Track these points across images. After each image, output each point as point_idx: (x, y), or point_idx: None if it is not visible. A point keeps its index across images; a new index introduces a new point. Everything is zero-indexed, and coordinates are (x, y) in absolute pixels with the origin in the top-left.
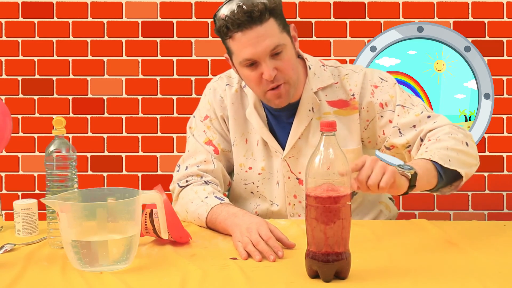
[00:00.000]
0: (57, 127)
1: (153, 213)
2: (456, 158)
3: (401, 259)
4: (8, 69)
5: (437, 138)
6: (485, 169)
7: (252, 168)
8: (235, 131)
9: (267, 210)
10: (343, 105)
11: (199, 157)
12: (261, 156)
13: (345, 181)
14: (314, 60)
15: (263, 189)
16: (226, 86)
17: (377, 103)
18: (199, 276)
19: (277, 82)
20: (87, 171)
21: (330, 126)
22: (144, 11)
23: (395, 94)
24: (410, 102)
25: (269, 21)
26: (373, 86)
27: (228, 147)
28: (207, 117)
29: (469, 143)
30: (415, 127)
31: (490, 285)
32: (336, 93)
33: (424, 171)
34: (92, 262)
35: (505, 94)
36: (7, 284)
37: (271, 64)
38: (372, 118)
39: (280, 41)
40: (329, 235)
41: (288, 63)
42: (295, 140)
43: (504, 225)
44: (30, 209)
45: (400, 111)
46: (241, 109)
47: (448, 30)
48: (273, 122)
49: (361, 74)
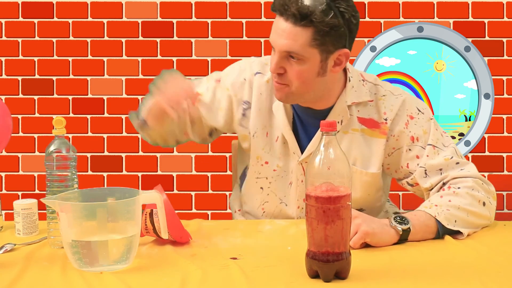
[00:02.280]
0: (57, 127)
1: (153, 213)
2: (464, 220)
3: (401, 259)
4: (8, 69)
5: (455, 191)
6: (485, 169)
7: (268, 163)
8: (257, 122)
9: (275, 208)
10: (373, 125)
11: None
12: (278, 154)
13: (345, 181)
14: (355, 73)
15: (275, 186)
16: (257, 74)
17: (409, 135)
18: (199, 276)
19: (279, 80)
20: (87, 171)
21: (331, 126)
22: (144, 11)
23: (429, 130)
24: (442, 142)
25: (305, 29)
26: (409, 117)
27: (207, 116)
28: (219, 81)
29: (487, 202)
30: (441, 171)
31: (490, 285)
32: (369, 111)
33: (422, 227)
34: (92, 262)
35: (505, 94)
36: (7, 284)
37: (281, 61)
38: (399, 148)
39: (298, 51)
40: (329, 235)
41: (299, 73)
42: (315, 146)
43: (504, 225)
44: (30, 209)
45: (430, 152)
46: (269, 101)
47: (448, 30)
48: (299, 123)
49: (399, 99)
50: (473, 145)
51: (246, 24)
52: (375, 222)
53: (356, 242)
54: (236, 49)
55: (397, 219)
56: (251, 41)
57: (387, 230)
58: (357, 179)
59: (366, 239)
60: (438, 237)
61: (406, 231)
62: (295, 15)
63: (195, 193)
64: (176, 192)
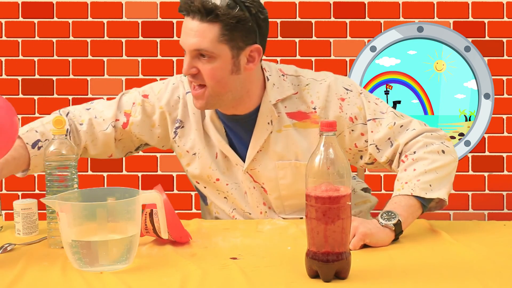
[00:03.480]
0: (57, 127)
1: (153, 213)
2: (436, 179)
3: (401, 259)
4: (8, 69)
5: (413, 158)
6: (485, 169)
7: (219, 179)
8: (198, 141)
9: (243, 217)
10: (302, 117)
11: (106, 112)
12: (222, 169)
13: (345, 181)
14: (274, 70)
15: (234, 198)
16: (188, 93)
17: (346, 117)
18: (199, 276)
19: (195, 80)
20: (87, 171)
21: (330, 126)
22: (144, 11)
23: (362, 105)
24: (379, 111)
25: (212, 24)
26: (340, 100)
27: (144, 134)
28: (147, 96)
29: (444, 149)
30: (390, 140)
31: (490, 285)
32: (296, 104)
33: (407, 209)
34: (92, 262)
35: (505, 94)
36: (7, 284)
37: (193, 61)
38: (340, 132)
39: (207, 47)
40: (329, 235)
41: (212, 72)
42: (254, 153)
43: (504, 225)
44: (30, 209)
45: (372, 126)
46: (200, 120)
47: (448, 30)
48: (231, 134)
49: (324, 85)
50: (473, 145)
51: None
52: (370, 223)
53: (356, 244)
54: None
55: (384, 216)
56: None
57: (382, 229)
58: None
59: (366, 240)
60: (425, 209)
61: (397, 224)
62: (200, 11)
63: (195, 193)
64: (176, 192)
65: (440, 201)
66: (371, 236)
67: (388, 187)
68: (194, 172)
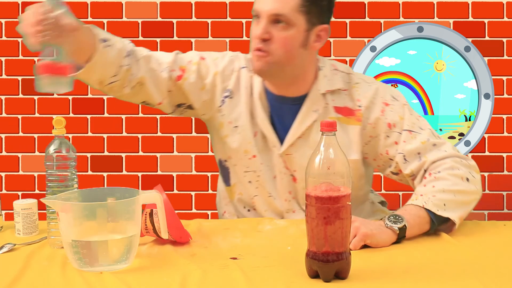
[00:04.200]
0: (57, 127)
1: (153, 213)
2: (452, 200)
3: (401, 259)
4: (8, 69)
5: (436, 176)
6: (485, 169)
7: (256, 156)
8: (243, 116)
9: (265, 202)
10: (348, 113)
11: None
12: (258, 148)
13: (345, 181)
14: (327, 63)
15: (263, 180)
16: (243, 68)
17: (385, 122)
18: (199, 276)
19: (263, 46)
20: (87, 171)
21: (331, 126)
22: (144, 11)
23: (403, 115)
24: (418, 126)
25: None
26: (384, 104)
27: (191, 95)
28: (204, 59)
29: (470, 178)
30: (419, 155)
31: (490, 285)
32: (344, 100)
33: (416, 220)
34: (92, 262)
35: (505, 94)
36: (7, 284)
37: (268, 27)
38: (376, 135)
39: (286, 14)
40: (329, 235)
41: (284, 40)
42: (294, 138)
43: (504, 225)
44: (30, 209)
45: (406, 137)
46: (250, 96)
47: (448, 30)
48: (275, 116)
49: (372, 87)
50: (473, 145)
51: (246, 24)
52: (372, 224)
53: (356, 245)
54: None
55: (391, 219)
56: None
57: (384, 231)
58: None
59: (366, 241)
60: (434, 226)
61: (402, 229)
62: None
63: (195, 193)
64: (176, 192)
65: (450, 225)
66: (372, 237)
67: None
68: (232, 144)
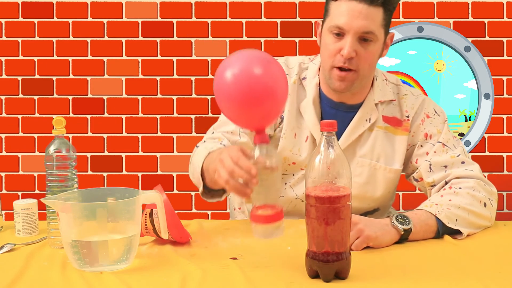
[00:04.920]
0: (57, 127)
1: (153, 213)
2: (465, 219)
3: (401, 259)
4: (8, 69)
5: (456, 191)
6: (485, 169)
7: (295, 163)
8: (286, 123)
9: (290, 204)
10: (396, 123)
11: (227, 128)
12: (307, 152)
13: (345, 181)
14: (380, 73)
15: (298, 182)
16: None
17: (423, 131)
18: (199, 276)
19: (349, 65)
20: (87, 171)
21: (331, 126)
22: (144, 11)
23: (442, 130)
24: (452, 142)
25: (378, 9)
26: (425, 115)
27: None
28: None
29: (488, 203)
30: (445, 168)
31: (490, 285)
32: (392, 110)
33: (423, 226)
34: (92, 262)
35: (505, 94)
36: (7, 284)
37: (355, 45)
38: (414, 144)
39: (375, 31)
40: (329, 235)
41: (369, 55)
42: (346, 145)
43: (504, 225)
44: (30, 209)
45: (438, 148)
46: (295, 102)
47: (448, 30)
48: None
49: (419, 99)
50: (473, 145)
51: (246, 24)
52: (376, 225)
53: (359, 246)
54: (236, 49)
55: (399, 219)
56: (251, 41)
57: (388, 231)
58: (381, 176)
59: (369, 243)
60: (438, 236)
61: (407, 231)
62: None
63: (195, 193)
64: (176, 192)
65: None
66: (375, 240)
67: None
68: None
